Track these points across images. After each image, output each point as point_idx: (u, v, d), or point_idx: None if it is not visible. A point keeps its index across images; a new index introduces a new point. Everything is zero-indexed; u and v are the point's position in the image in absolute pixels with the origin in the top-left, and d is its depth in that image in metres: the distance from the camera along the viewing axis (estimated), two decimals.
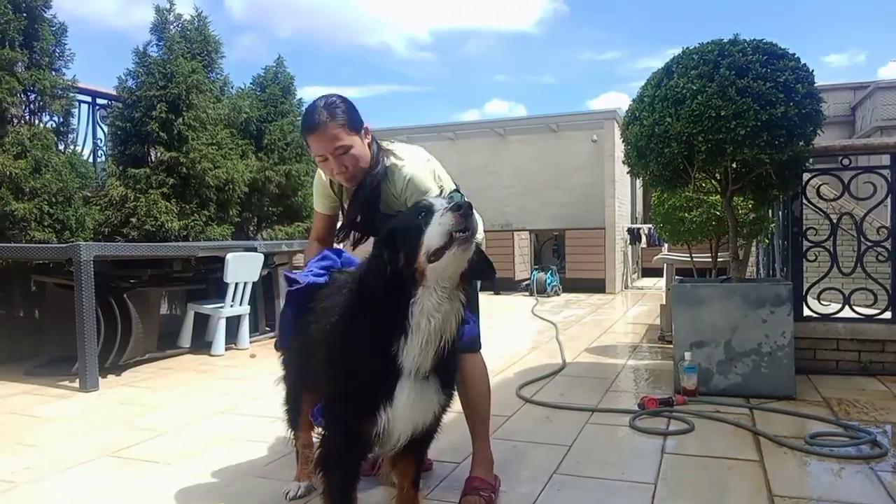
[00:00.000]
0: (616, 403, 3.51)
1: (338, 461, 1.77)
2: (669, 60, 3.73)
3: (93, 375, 4.09)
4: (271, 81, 8.53)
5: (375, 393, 1.66)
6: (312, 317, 1.94)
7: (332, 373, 1.77)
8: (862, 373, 3.99)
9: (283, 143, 8.17)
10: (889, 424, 3.02)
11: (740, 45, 3.42)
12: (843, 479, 2.39)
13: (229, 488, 2.43)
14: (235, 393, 4.00)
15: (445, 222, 1.56)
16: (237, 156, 7.33)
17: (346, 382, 1.72)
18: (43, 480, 2.54)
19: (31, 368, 4.64)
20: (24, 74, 5.25)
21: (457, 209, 1.55)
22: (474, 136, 12.20)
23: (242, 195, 7.22)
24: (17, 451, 2.92)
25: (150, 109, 6.34)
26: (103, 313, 4.40)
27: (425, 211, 1.63)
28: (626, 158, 4.22)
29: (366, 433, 1.70)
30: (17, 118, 5.37)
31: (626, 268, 11.38)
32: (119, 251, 4.76)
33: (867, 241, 4.12)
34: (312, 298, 2.01)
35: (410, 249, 1.59)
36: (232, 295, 5.33)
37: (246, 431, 3.13)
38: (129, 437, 3.08)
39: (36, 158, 5.15)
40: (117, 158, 6.58)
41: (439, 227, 1.56)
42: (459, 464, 2.56)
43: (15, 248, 4.79)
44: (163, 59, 6.58)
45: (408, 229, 1.62)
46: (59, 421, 3.43)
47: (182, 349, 5.32)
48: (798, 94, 3.25)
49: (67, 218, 5.42)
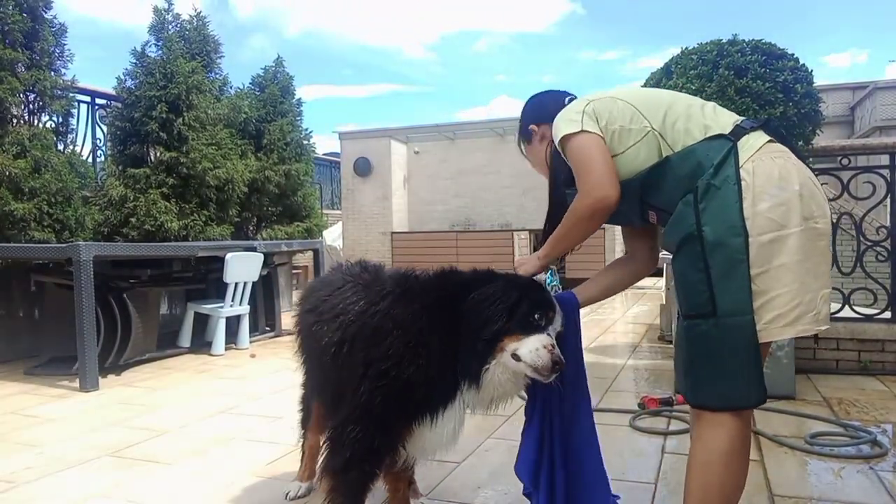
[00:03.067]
0: (616, 403, 3.51)
1: (363, 462, 1.70)
2: (668, 60, 3.73)
3: (92, 375, 4.09)
4: (270, 81, 8.53)
5: (424, 413, 1.64)
6: (315, 316, 1.88)
7: (384, 382, 1.62)
8: (862, 372, 4.00)
9: (283, 143, 8.17)
10: (889, 424, 3.02)
11: (739, 46, 3.43)
12: (844, 478, 2.39)
13: (229, 488, 2.42)
14: (235, 393, 4.00)
15: (541, 358, 1.50)
16: (237, 156, 7.33)
17: (400, 395, 1.62)
18: (43, 480, 2.54)
19: (31, 368, 4.64)
20: (24, 74, 5.25)
21: (556, 363, 1.49)
22: (474, 136, 12.20)
23: (242, 195, 7.23)
24: (17, 451, 2.92)
25: (150, 109, 6.34)
26: (103, 313, 4.39)
27: (541, 311, 1.56)
28: None
29: (399, 445, 1.70)
30: (16, 118, 5.37)
31: None
32: (119, 251, 4.75)
33: (867, 241, 4.12)
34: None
35: (500, 333, 1.54)
36: (232, 295, 5.33)
37: (246, 431, 3.13)
38: (128, 437, 3.08)
39: (35, 158, 5.15)
40: (117, 158, 6.59)
41: (533, 354, 1.51)
42: (460, 463, 2.56)
43: (14, 248, 4.79)
44: (163, 60, 6.58)
45: (512, 315, 1.54)
46: (59, 421, 3.43)
47: (182, 349, 5.31)
48: (797, 94, 3.26)
49: (67, 218, 5.42)
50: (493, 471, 2.47)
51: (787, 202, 1.41)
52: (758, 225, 1.40)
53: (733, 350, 1.43)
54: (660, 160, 1.54)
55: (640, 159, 1.56)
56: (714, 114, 1.57)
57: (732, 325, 1.41)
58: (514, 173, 11.89)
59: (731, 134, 1.48)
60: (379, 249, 11.58)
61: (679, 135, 1.52)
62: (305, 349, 2.06)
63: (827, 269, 1.45)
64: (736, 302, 1.41)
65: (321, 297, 1.90)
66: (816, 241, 1.43)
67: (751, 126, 1.51)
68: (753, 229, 1.40)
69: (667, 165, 1.53)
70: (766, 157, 1.45)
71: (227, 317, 5.37)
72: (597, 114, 1.59)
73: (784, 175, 1.43)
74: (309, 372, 2.16)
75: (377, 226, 11.72)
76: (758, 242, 1.39)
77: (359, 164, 11.78)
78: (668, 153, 1.52)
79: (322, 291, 1.93)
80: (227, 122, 7.27)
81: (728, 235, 1.41)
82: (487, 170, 12.09)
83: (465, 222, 12.06)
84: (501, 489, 2.31)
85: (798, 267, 1.40)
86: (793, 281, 1.40)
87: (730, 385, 1.45)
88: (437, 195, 12.40)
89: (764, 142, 1.48)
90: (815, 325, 1.42)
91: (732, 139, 1.47)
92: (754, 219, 1.40)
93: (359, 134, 12.28)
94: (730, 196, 1.42)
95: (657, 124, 1.55)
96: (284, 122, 8.28)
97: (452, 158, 12.34)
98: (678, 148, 1.51)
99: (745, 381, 1.44)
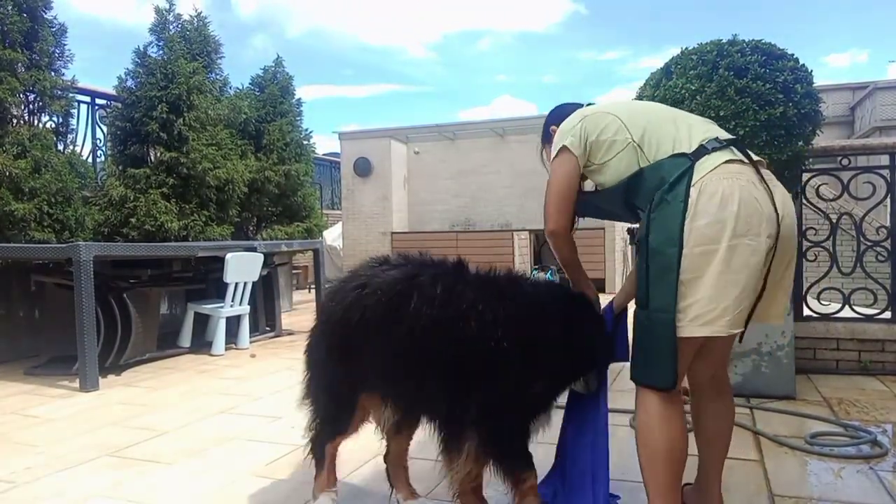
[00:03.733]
0: (616, 403, 3.50)
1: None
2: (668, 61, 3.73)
3: (93, 375, 4.09)
4: (270, 81, 8.54)
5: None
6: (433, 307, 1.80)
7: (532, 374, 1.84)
8: (862, 372, 3.99)
9: (283, 143, 8.18)
10: (889, 424, 3.02)
11: (739, 46, 3.42)
12: (844, 478, 2.39)
13: (229, 488, 2.42)
14: (235, 393, 4.00)
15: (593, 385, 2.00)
16: (237, 156, 7.34)
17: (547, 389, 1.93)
18: (43, 480, 2.54)
19: (31, 368, 4.64)
20: (24, 75, 5.25)
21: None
22: (474, 136, 12.19)
23: (242, 195, 7.23)
24: (17, 451, 2.92)
25: (151, 110, 6.34)
26: (103, 313, 4.39)
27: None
28: None
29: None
30: (16, 118, 5.37)
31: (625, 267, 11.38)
32: (119, 251, 4.76)
33: (867, 241, 4.12)
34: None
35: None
36: (232, 295, 5.33)
37: (246, 431, 3.13)
38: (128, 437, 3.08)
39: (35, 158, 5.16)
40: (117, 158, 6.59)
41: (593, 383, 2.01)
42: None
43: (15, 248, 4.79)
44: (164, 60, 6.58)
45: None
46: (59, 421, 3.43)
47: (182, 349, 5.31)
48: (797, 95, 3.26)
49: (67, 218, 5.42)
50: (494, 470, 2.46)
51: (722, 220, 1.58)
52: (693, 238, 1.60)
53: (656, 339, 1.68)
54: (637, 170, 1.75)
55: (622, 167, 1.78)
56: (689, 131, 1.76)
57: (657, 319, 1.66)
58: (514, 173, 11.89)
59: (693, 153, 1.69)
60: (379, 249, 11.57)
61: (652, 149, 1.74)
62: (379, 345, 1.88)
63: (751, 283, 1.61)
64: (662, 301, 1.64)
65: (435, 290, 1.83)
66: (748, 257, 1.59)
67: (713, 147, 1.70)
68: (689, 242, 1.60)
69: (641, 175, 1.74)
70: (717, 178, 1.63)
71: (227, 317, 5.37)
72: (587, 130, 1.83)
73: (725, 196, 1.60)
74: (370, 368, 1.94)
75: (377, 226, 11.72)
76: (692, 253, 1.60)
77: (359, 164, 11.78)
78: (644, 164, 1.74)
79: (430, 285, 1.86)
80: (227, 122, 7.28)
81: (665, 245, 1.63)
82: (487, 170, 12.08)
83: (465, 222, 12.06)
84: (501, 489, 2.30)
85: (719, 278, 1.59)
86: (712, 288, 1.59)
87: (650, 367, 1.74)
88: (437, 195, 12.40)
89: (720, 162, 1.66)
90: (729, 328, 1.62)
91: (692, 159, 1.67)
92: (691, 233, 1.60)
93: (359, 134, 12.28)
94: (675, 211, 1.62)
95: (637, 137, 1.77)
96: (284, 123, 8.28)
97: (452, 158, 12.34)
98: (651, 160, 1.73)
99: (661, 366, 1.70)
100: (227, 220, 7.07)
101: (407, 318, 1.79)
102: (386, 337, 1.84)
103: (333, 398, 2.03)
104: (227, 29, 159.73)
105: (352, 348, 1.90)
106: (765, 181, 1.67)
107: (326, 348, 1.98)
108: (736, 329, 1.64)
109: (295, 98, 8.73)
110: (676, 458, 1.74)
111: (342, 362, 1.94)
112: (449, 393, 1.84)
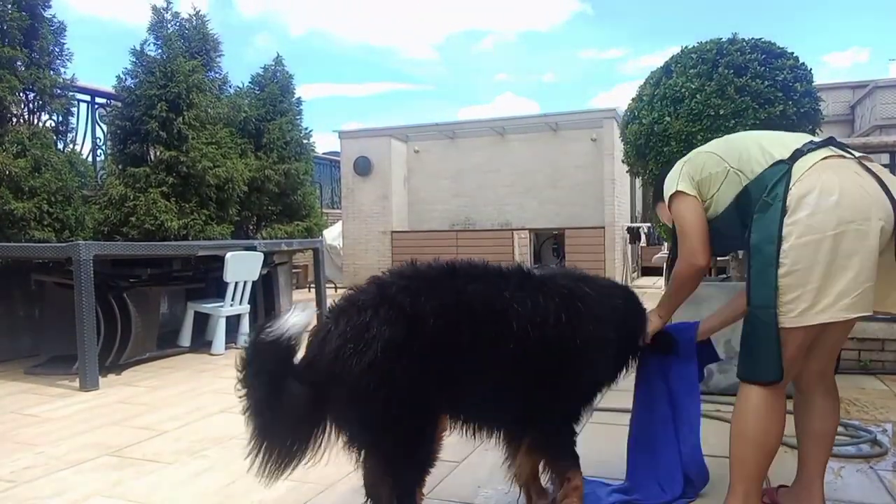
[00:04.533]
0: (616, 403, 3.51)
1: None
2: (668, 59, 3.73)
3: (93, 375, 4.09)
4: (270, 80, 8.53)
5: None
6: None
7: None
8: (862, 371, 4.00)
9: (283, 142, 8.17)
10: (889, 423, 3.02)
11: (739, 44, 3.42)
12: (844, 478, 2.39)
13: (229, 488, 2.43)
14: (235, 392, 4.00)
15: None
16: (236, 155, 7.33)
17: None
18: (43, 480, 2.54)
19: (31, 368, 4.64)
20: (23, 73, 5.24)
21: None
22: (474, 135, 12.19)
23: (242, 194, 7.23)
24: (17, 450, 2.92)
25: (151, 108, 6.33)
26: (103, 312, 4.39)
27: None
28: (625, 157, 4.22)
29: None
30: (16, 117, 5.37)
31: (625, 267, 11.38)
32: (119, 250, 4.75)
33: None
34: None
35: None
36: (232, 294, 5.33)
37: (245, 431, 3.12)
38: (128, 437, 3.08)
39: (35, 157, 5.15)
40: (116, 157, 6.59)
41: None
42: (460, 463, 2.57)
43: (15, 248, 4.79)
44: (163, 59, 6.58)
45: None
46: (59, 420, 3.43)
47: (182, 348, 5.31)
48: (796, 93, 3.26)
49: (67, 217, 5.42)
50: (493, 470, 2.46)
51: (825, 210, 1.64)
52: (797, 230, 1.66)
53: (758, 335, 1.74)
54: (741, 190, 1.86)
55: (729, 194, 1.90)
56: (782, 142, 1.86)
57: (760, 315, 1.73)
58: (514, 172, 11.89)
59: (790, 158, 1.77)
60: (379, 248, 11.58)
61: (752, 167, 1.85)
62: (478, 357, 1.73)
63: (866, 266, 1.63)
64: (763, 298, 1.71)
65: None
66: (859, 242, 1.63)
67: (809, 148, 1.78)
68: (793, 235, 1.67)
69: (748, 192, 1.84)
70: (816, 173, 1.70)
71: (227, 316, 5.37)
72: (690, 172, 1.98)
73: (826, 188, 1.67)
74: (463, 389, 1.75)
75: (377, 225, 11.72)
76: (798, 244, 1.66)
77: (359, 163, 11.77)
78: (746, 182, 1.85)
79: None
80: (226, 121, 7.27)
81: (764, 243, 1.71)
82: (487, 169, 12.08)
83: (465, 221, 12.06)
84: (501, 488, 2.31)
85: (829, 265, 1.64)
86: (823, 275, 1.64)
87: (754, 363, 1.78)
88: (437, 194, 12.40)
89: (817, 160, 1.73)
90: (847, 312, 1.65)
91: (789, 163, 1.76)
92: (795, 225, 1.67)
93: (359, 133, 12.27)
94: (775, 211, 1.71)
95: (734, 164, 1.90)
96: (284, 121, 8.28)
97: (452, 158, 12.34)
98: (753, 177, 1.83)
99: (765, 362, 1.74)
100: (226, 219, 7.06)
101: (496, 332, 1.74)
102: (475, 353, 1.71)
103: (416, 429, 1.69)
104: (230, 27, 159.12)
105: (442, 368, 1.68)
106: (871, 171, 1.72)
107: (420, 371, 1.64)
108: (855, 313, 1.66)
109: (295, 97, 8.73)
110: (768, 451, 1.81)
111: (430, 385, 1.67)
112: (517, 399, 1.87)
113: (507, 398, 1.85)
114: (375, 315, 1.62)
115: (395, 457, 1.69)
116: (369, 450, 1.71)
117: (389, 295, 1.67)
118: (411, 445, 1.68)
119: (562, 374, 1.87)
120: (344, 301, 1.74)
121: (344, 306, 1.71)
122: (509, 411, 1.89)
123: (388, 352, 1.58)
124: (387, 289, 1.70)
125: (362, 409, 1.63)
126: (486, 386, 1.78)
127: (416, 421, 1.67)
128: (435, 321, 1.65)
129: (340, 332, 1.62)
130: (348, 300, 1.73)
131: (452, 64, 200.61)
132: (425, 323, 1.64)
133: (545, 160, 11.74)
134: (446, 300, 1.71)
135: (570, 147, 11.64)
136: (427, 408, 1.69)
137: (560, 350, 1.83)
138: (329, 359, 1.60)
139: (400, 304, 1.65)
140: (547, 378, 1.85)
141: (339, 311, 1.70)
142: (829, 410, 1.98)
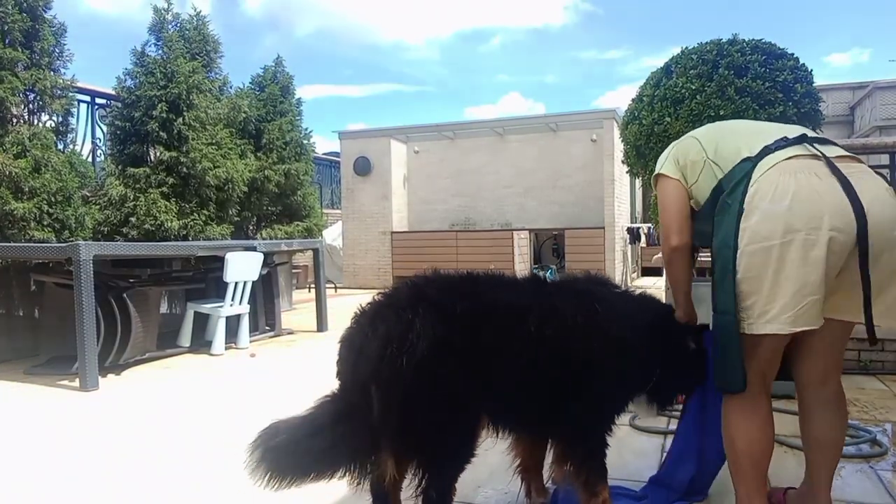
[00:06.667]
0: None
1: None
2: (668, 60, 3.73)
3: (93, 375, 4.09)
4: (270, 81, 8.54)
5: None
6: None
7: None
8: (862, 371, 3.99)
9: (282, 143, 8.18)
10: (889, 423, 3.02)
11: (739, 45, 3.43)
12: (844, 477, 2.39)
13: (229, 488, 2.42)
14: (235, 392, 4.00)
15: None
16: (236, 155, 7.34)
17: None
18: (43, 480, 2.54)
19: (31, 368, 4.64)
20: (24, 74, 5.25)
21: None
22: (474, 135, 12.19)
23: (242, 194, 7.23)
24: (17, 450, 2.92)
25: (151, 109, 6.34)
26: (103, 313, 4.39)
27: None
28: (625, 158, 4.22)
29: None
30: (16, 118, 5.37)
31: (625, 267, 11.39)
32: (118, 250, 4.75)
33: None
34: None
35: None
36: (231, 294, 5.33)
37: (245, 431, 3.12)
38: (128, 437, 3.08)
39: (35, 158, 5.16)
40: (116, 158, 6.59)
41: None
42: None
43: (14, 248, 4.79)
44: (163, 59, 6.59)
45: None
46: (59, 421, 3.43)
47: (182, 348, 5.31)
48: (797, 94, 3.26)
49: (67, 217, 5.42)
50: (494, 470, 2.47)
51: (774, 217, 1.57)
52: (747, 237, 1.60)
53: (721, 342, 1.70)
54: (716, 184, 1.78)
55: (707, 184, 1.82)
56: (761, 136, 1.76)
57: (722, 321, 1.67)
58: (514, 173, 11.89)
59: (756, 156, 1.69)
60: (379, 249, 11.58)
61: (723, 161, 1.78)
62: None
63: (812, 279, 1.55)
64: (724, 303, 1.66)
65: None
66: (805, 252, 1.54)
67: (778, 146, 1.68)
68: (743, 241, 1.60)
69: (720, 188, 1.77)
70: (774, 175, 1.61)
71: (226, 316, 5.37)
72: (677, 156, 1.92)
73: (779, 192, 1.58)
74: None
75: (377, 225, 11.71)
76: (747, 252, 1.60)
77: (359, 164, 11.77)
78: (720, 176, 1.78)
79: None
80: (226, 121, 7.28)
81: (723, 247, 1.66)
82: (487, 169, 12.08)
83: (464, 222, 12.06)
84: (501, 488, 2.31)
85: (775, 275, 1.57)
86: (770, 285, 1.58)
87: (722, 370, 1.74)
88: (437, 195, 12.40)
89: (782, 159, 1.64)
90: (791, 326, 1.58)
91: (754, 162, 1.67)
92: (745, 231, 1.60)
93: (359, 133, 12.27)
94: (732, 214, 1.64)
95: (711, 154, 1.82)
96: (284, 122, 8.28)
97: (452, 158, 12.34)
98: (725, 172, 1.77)
99: (730, 369, 1.69)
100: (226, 219, 7.07)
101: (528, 337, 1.75)
102: (509, 354, 1.75)
103: (456, 423, 1.68)
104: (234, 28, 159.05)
105: (482, 367, 1.69)
106: (838, 174, 1.58)
107: (460, 363, 1.64)
108: (799, 327, 1.57)
109: (295, 97, 8.74)
110: (757, 458, 1.78)
111: (474, 384, 1.68)
112: (547, 401, 1.84)
113: (537, 399, 1.84)
114: (417, 315, 1.60)
115: (439, 456, 1.69)
116: (412, 450, 1.67)
117: (428, 295, 1.69)
118: (455, 444, 1.69)
119: (591, 380, 1.83)
120: (376, 304, 1.73)
121: (377, 309, 1.70)
122: (537, 413, 1.89)
123: (435, 350, 1.57)
124: (424, 290, 1.72)
125: (408, 409, 1.59)
126: (517, 386, 1.80)
127: (462, 420, 1.68)
128: (474, 321, 1.68)
129: (381, 333, 1.60)
130: (382, 303, 1.73)
131: (454, 64, 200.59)
132: (466, 323, 1.67)
133: (545, 160, 11.74)
134: (482, 302, 1.75)
135: (570, 147, 11.64)
136: (470, 406, 1.70)
137: (588, 356, 1.81)
138: (374, 360, 1.58)
139: (441, 303, 1.66)
140: (576, 383, 1.83)
141: (372, 314, 1.69)
142: (831, 420, 1.86)
